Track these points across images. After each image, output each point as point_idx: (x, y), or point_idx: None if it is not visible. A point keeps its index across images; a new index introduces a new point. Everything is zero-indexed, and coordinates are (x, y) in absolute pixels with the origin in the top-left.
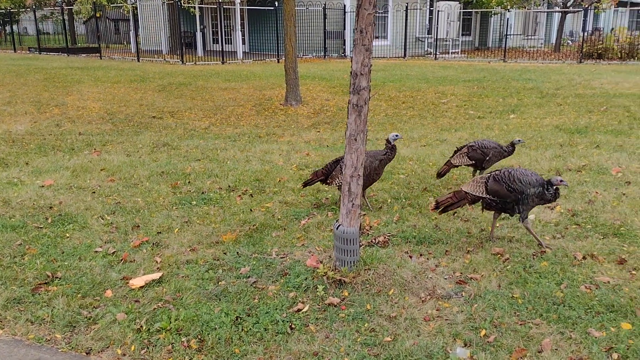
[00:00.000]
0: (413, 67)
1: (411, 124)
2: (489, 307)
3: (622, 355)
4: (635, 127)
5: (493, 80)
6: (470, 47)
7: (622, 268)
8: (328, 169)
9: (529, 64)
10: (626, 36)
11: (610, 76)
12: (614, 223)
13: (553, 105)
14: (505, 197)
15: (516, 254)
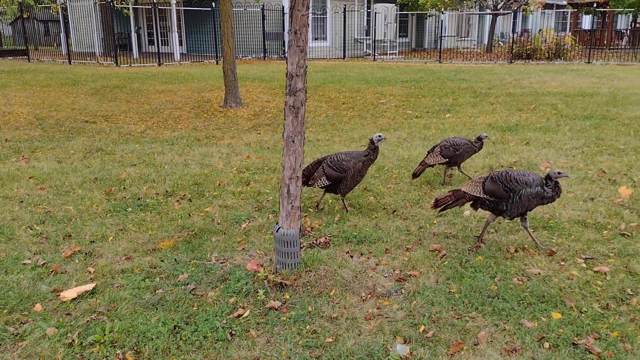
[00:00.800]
0: (352, 68)
1: (351, 125)
2: (428, 303)
3: (553, 344)
4: (562, 124)
5: (429, 81)
6: (407, 48)
7: (552, 260)
8: (310, 170)
9: (463, 64)
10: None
11: (539, 76)
12: (544, 217)
13: (486, 104)
14: (501, 197)
15: (453, 250)
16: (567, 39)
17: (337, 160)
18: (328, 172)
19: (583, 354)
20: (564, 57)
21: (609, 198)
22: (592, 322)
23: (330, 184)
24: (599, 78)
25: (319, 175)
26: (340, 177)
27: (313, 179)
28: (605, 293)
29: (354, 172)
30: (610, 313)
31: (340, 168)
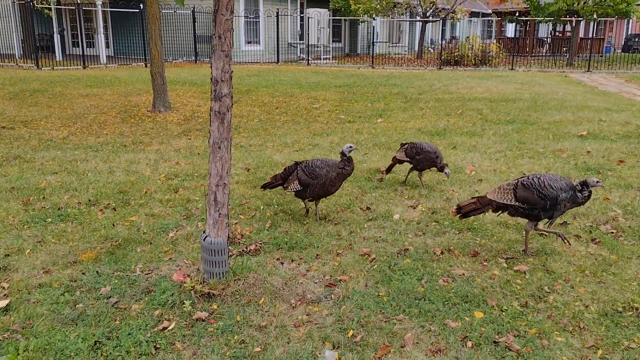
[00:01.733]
0: (286, 72)
1: (285, 129)
2: (357, 308)
3: (475, 343)
4: (487, 128)
5: (362, 86)
6: (341, 53)
7: (475, 260)
8: (286, 172)
9: (395, 70)
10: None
11: (466, 81)
12: (469, 218)
13: (416, 109)
14: (535, 203)
15: (382, 254)
16: (493, 46)
17: (310, 166)
18: (301, 177)
19: (503, 351)
20: (489, 64)
21: None
22: (512, 320)
23: (302, 189)
24: (521, 84)
25: (293, 179)
26: (311, 183)
27: (288, 183)
28: (525, 291)
29: (325, 181)
30: (529, 310)
31: (312, 174)
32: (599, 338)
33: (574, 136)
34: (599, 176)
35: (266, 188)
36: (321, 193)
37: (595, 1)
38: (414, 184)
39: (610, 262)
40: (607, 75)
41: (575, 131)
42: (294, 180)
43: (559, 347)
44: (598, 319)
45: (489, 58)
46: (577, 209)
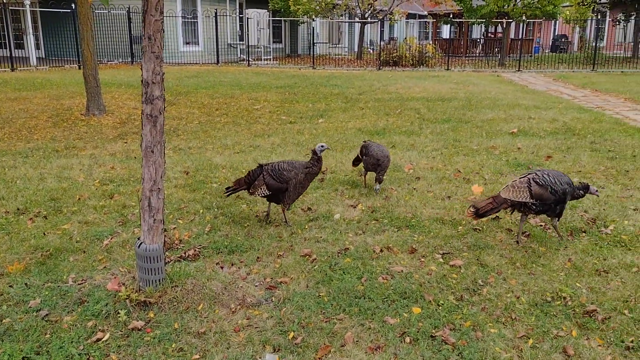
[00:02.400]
0: (226, 73)
1: (225, 131)
2: (297, 309)
3: (413, 338)
4: (424, 127)
5: (303, 87)
6: (282, 54)
7: (413, 257)
8: (251, 177)
9: (336, 70)
10: (416, 45)
11: (404, 82)
12: (407, 216)
13: (356, 109)
14: (548, 199)
15: (323, 254)
16: (429, 47)
17: (277, 170)
18: (268, 181)
19: (440, 345)
20: (426, 64)
21: (464, 196)
22: (448, 314)
23: (271, 193)
24: (456, 84)
25: (260, 184)
26: (280, 187)
27: (254, 188)
28: (460, 285)
29: (295, 183)
30: (464, 304)
31: (280, 178)
32: (530, 328)
33: (505, 133)
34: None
35: (230, 193)
36: (294, 197)
37: (524, 3)
38: (354, 183)
39: (539, 254)
40: (536, 75)
41: (507, 129)
42: (261, 185)
43: (492, 338)
44: (529, 309)
45: (425, 59)
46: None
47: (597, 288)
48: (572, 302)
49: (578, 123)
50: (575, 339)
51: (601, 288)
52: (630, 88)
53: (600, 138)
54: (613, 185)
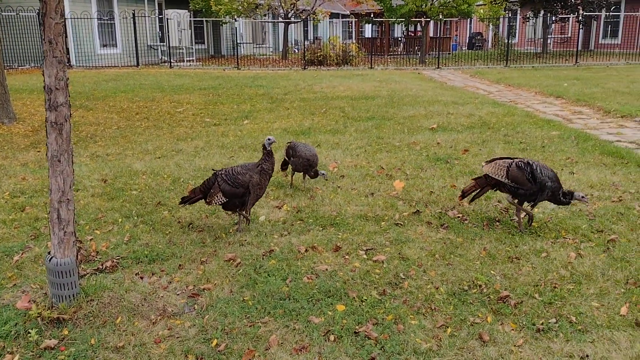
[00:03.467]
0: (147, 76)
1: (146, 136)
2: (221, 315)
3: (337, 335)
4: (349, 126)
5: (228, 88)
6: (205, 55)
7: (338, 255)
8: (206, 185)
9: (261, 71)
10: (340, 45)
11: (329, 81)
12: (331, 214)
13: (282, 109)
14: (523, 184)
15: (248, 257)
16: (352, 46)
17: (231, 174)
18: (224, 187)
19: (363, 340)
20: (350, 63)
21: (386, 192)
22: (371, 309)
23: (228, 200)
24: (379, 82)
25: (215, 191)
26: (237, 192)
27: (210, 196)
28: (383, 280)
29: (254, 185)
30: (387, 298)
31: (236, 182)
32: (448, 317)
33: (425, 129)
34: (447, 165)
35: (185, 203)
36: (254, 200)
37: (441, 2)
38: (279, 184)
39: (457, 245)
40: (455, 71)
41: (427, 124)
42: (217, 193)
43: (413, 329)
44: (447, 299)
45: (349, 58)
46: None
47: (510, 274)
48: (487, 290)
49: (493, 117)
50: (490, 324)
51: (514, 274)
52: (540, 82)
53: (513, 131)
54: None
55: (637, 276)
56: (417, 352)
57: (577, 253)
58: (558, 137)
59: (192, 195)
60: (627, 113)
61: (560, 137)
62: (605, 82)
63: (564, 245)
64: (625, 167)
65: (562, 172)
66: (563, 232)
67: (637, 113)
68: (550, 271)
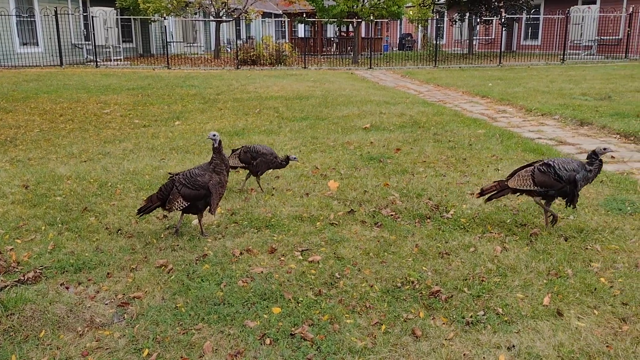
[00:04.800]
0: (72, 76)
1: (71, 139)
2: (152, 324)
3: (273, 338)
4: (283, 126)
5: (158, 88)
6: (133, 54)
7: (273, 257)
8: (163, 192)
9: (192, 70)
10: (273, 44)
11: (263, 81)
12: (266, 216)
13: (215, 110)
14: (552, 186)
15: (180, 262)
16: (286, 46)
17: (190, 177)
18: (184, 191)
19: (299, 342)
20: (284, 63)
21: (321, 192)
22: (307, 310)
23: (190, 204)
24: (313, 82)
25: (175, 197)
26: (198, 194)
27: (170, 202)
28: (318, 280)
29: (215, 184)
30: (322, 298)
31: (196, 185)
32: (383, 314)
33: (359, 129)
34: (380, 164)
35: (142, 213)
36: (218, 200)
37: (372, 3)
38: None
39: (390, 242)
40: (386, 72)
41: (360, 124)
42: (177, 197)
43: (348, 329)
44: (381, 297)
45: (283, 57)
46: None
47: (440, 270)
48: (420, 285)
49: (423, 116)
50: (423, 319)
51: (444, 269)
52: (467, 82)
53: (442, 129)
54: (453, 173)
55: (557, 267)
56: (353, 350)
57: (502, 247)
58: (484, 135)
59: (148, 203)
60: (547, 111)
61: (485, 135)
62: (526, 81)
63: (491, 239)
64: None
65: (487, 168)
66: (489, 227)
67: (556, 111)
68: (478, 265)
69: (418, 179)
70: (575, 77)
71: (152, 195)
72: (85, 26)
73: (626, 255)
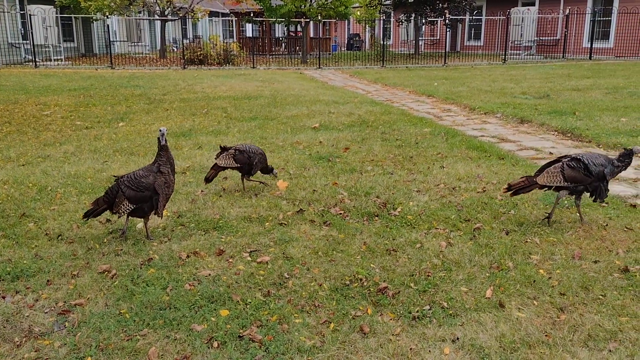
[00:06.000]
0: (9, 76)
1: (7, 142)
2: (95, 331)
3: (221, 341)
4: (232, 126)
5: (101, 88)
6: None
7: (221, 258)
8: (110, 195)
9: (137, 70)
10: (221, 44)
11: (210, 80)
12: (214, 217)
13: (161, 110)
14: (582, 181)
15: (124, 267)
16: (234, 45)
17: (134, 179)
18: (129, 194)
19: (247, 344)
20: (232, 63)
21: (270, 192)
22: (255, 311)
23: (137, 207)
24: (262, 82)
25: (120, 200)
26: (144, 196)
27: (116, 206)
28: (267, 281)
29: (160, 185)
30: (271, 299)
31: (140, 187)
32: (331, 312)
33: (308, 128)
34: (329, 163)
35: (89, 217)
36: (165, 201)
37: (319, 3)
38: None
39: (339, 241)
40: (335, 71)
41: (310, 124)
42: (122, 201)
43: (297, 328)
44: (330, 295)
45: (231, 57)
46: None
47: (388, 266)
48: (368, 282)
49: (371, 116)
50: (371, 316)
51: (391, 266)
52: (414, 82)
53: (390, 128)
54: (400, 171)
55: (499, 260)
56: (301, 350)
57: (447, 242)
58: (430, 133)
59: (95, 207)
60: (490, 110)
61: (431, 134)
62: (470, 81)
63: (436, 235)
64: (488, 160)
65: (433, 166)
66: (435, 223)
67: (498, 110)
68: (424, 261)
69: (366, 177)
70: (516, 77)
71: (98, 198)
72: (23, 25)
73: (563, 247)
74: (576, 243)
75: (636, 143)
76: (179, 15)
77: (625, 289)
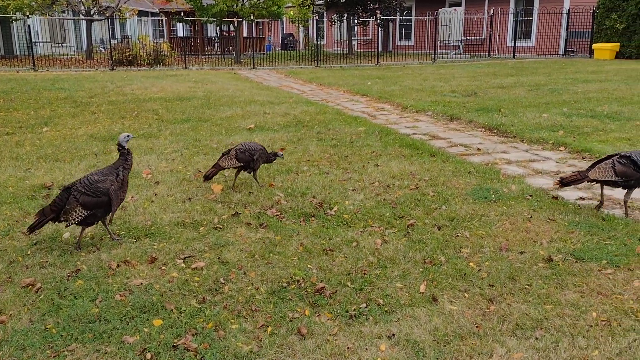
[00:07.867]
0: None
1: None
2: (18, 350)
3: (154, 352)
4: (163, 129)
5: (23, 92)
6: None
7: (154, 266)
8: (58, 203)
9: (62, 72)
10: (151, 44)
11: (141, 82)
12: (146, 224)
13: (87, 113)
14: (632, 176)
15: (50, 280)
16: (164, 45)
17: (90, 184)
18: (84, 199)
19: (182, 353)
20: (163, 63)
21: (205, 196)
22: (190, 319)
23: (90, 213)
24: (195, 82)
25: (73, 206)
26: (100, 201)
27: (66, 213)
28: (202, 287)
29: (116, 190)
30: (207, 305)
31: (97, 192)
32: (269, 316)
33: (243, 130)
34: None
35: (34, 230)
36: (117, 207)
37: (252, 3)
38: None
39: (275, 243)
40: (270, 71)
41: (245, 125)
42: (75, 207)
43: (234, 334)
44: (267, 298)
45: (162, 57)
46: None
47: (325, 266)
48: (305, 284)
49: (306, 115)
50: (308, 317)
51: (328, 266)
52: (348, 81)
53: (325, 128)
54: (336, 170)
55: (432, 255)
56: (238, 356)
57: (382, 239)
58: (364, 132)
59: (40, 218)
60: (421, 108)
61: (366, 133)
62: (402, 80)
63: (372, 233)
64: (420, 157)
65: (368, 164)
66: (370, 221)
67: (429, 108)
68: (360, 259)
69: (302, 177)
70: (446, 76)
71: (44, 208)
72: None
73: (491, 240)
74: (503, 235)
75: (556, 137)
76: (105, 14)
77: (550, 277)
